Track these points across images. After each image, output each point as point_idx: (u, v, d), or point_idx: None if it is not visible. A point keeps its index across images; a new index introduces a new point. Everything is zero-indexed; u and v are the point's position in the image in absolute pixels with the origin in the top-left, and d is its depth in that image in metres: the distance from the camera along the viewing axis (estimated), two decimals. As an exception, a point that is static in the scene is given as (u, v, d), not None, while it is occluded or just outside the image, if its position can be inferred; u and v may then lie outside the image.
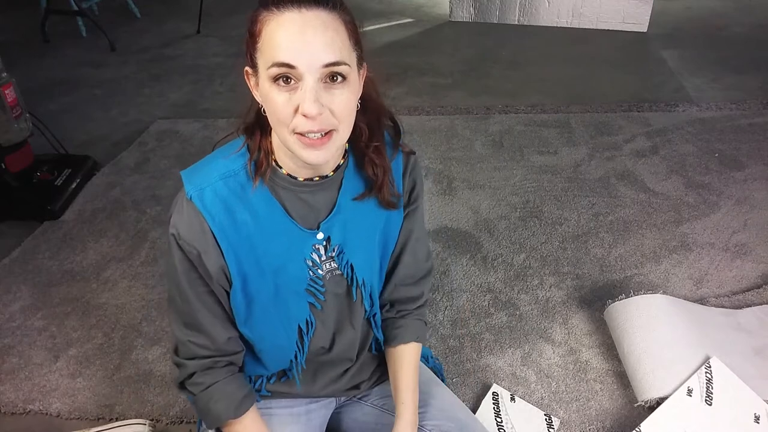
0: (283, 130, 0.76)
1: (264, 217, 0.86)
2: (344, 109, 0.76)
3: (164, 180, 2.49)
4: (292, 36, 0.71)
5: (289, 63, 0.71)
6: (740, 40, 3.74)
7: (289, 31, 0.71)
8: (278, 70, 0.72)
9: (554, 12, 4.03)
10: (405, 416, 1.00)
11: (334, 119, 0.75)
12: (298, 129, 0.74)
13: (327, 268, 0.94)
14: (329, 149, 0.77)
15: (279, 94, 0.73)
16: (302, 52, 0.71)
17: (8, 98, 2.11)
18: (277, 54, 0.71)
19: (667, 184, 2.31)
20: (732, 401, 1.36)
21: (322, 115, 0.73)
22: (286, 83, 0.73)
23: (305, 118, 0.73)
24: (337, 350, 1.01)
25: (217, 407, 0.93)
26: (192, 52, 3.91)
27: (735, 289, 1.80)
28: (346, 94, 0.75)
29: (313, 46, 0.71)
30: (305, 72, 0.71)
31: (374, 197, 0.92)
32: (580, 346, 1.63)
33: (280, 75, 0.72)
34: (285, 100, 0.73)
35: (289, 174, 0.86)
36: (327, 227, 0.90)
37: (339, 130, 0.76)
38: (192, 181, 0.84)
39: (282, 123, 0.75)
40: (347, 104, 0.76)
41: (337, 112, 0.75)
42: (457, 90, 3.23)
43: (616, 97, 3.05)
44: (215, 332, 0.91)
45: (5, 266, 2.03)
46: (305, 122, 0.73)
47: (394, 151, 0.93)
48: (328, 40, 0.72)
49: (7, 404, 1.53)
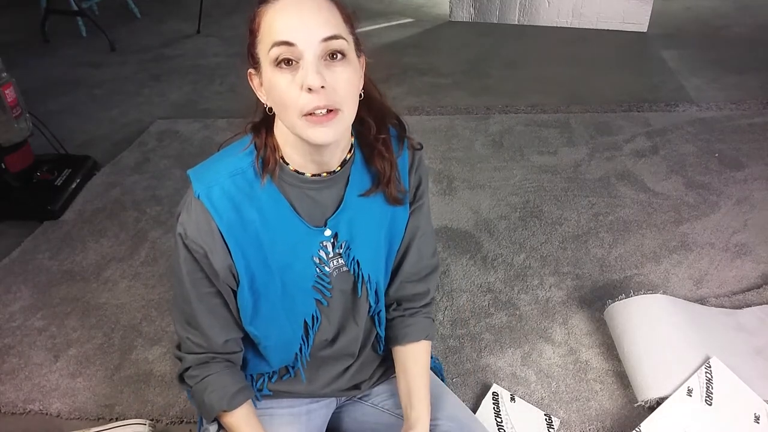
0: (290, 115, 0.76)
1: (271, 215, 0.86)
2: (346, 87, 0.76)
3: (164, 180, 2.49)
4: (288, 16, 0.74)
5: (288, 40, 0.73)
6: (740, 40, 3.74)
7: (285, 12, 0.74)
8: (278, 50, 0.73)
9: (554, 12, 4.03)
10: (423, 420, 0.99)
11: (337, 97, 0.75)
12: (305, 108, 0.74)
13: (334, 265, 0.94)
14: (335, 127, 0.77)
15: (282, 76, 0.75)
16: (300, 29, 0.73)
17: (8, 98, 2.11)
18: (276, 35, 0.73)
19: (667, 184, 2.31)
20: (732, 401, 1.36)
21: (326, 89, 0.74)
22: (287, 65, 0.74)
23: (310, 94, 0.74)
24: (340, 345, 1.01)
25: (210, 398, 0.93)
26: (192, 52, 3.91)
27: (735, 289, 1.80)
28: (347, 71, 0.76)
29: (309, 22, 0.73)
30: (305, 49, 0.73)
31: (381, 192, 0.92)
32: (580, 346, 1.63)
33: (281, 57, 0.74)
34: (288, 81, 0.74)
35: (296, 170, 0.86)
36: (334, 224, 0.91)
37: (343, 110, 0.77)
38: (200, 179, 0.84)
39: (289, 106, 0.75)
40: (349, 82, 0.77)
41: (340, 90, 0.75)
42: (457, 90, 3.23)
43: (616, 97, 3.05)
44: (213, 334, 0.91)
45: (5, 266, 2.03)
46: (310, 98, 0.74)
47: (400, 147, 0.94)
48: (324, 18, 0.74)
49: (7, 404, 1.53)
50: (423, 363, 1.05)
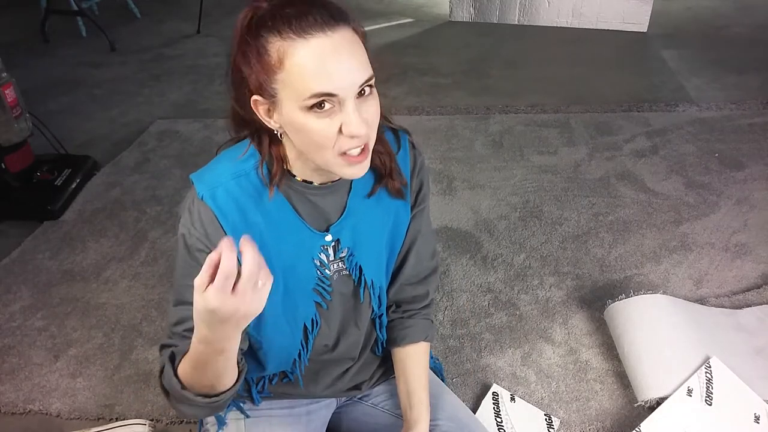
0: (325, 153, 0.75)
1: (275, 218, 0.86)
2: (376, 118, 0.77)
3: (164, 180, 2.49)
4: (328, 64, 0.70)
5: (332, 92, 0.70)
6: (740, 40, 3.74)
7: (323, 59, 0.70)
8: (317, 100, 0.71)
9: (554, 12, 4.03)
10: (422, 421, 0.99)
11: (371, 131, 0.76)
12: (344, 149, 0.74)
13: (335, 268, 0.94)
14: (368, 160, 0.78)
15: (318, 121, 0.72)
16: (342, 80, 0.70)
17: (8, 98, 2.11)
18: (315, 85, 0.70)
19: (667, 184, 2.31)
20: (732, 401, 1.36)
21: (366, 132, 0.74)
22: (321, 108, 0.71)
23: (351, 138, 0.73)
24: (341, 350, 1.01)
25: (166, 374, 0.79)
26: (192, 52, 3.91)
27: (735, 289, 1.80)
28: (375, 102, 0.76)
29: (350, 71, 0.71)
30: (346, 97, 0.71)
31: (384, 188, 0.92)
32: (580, 346, 1.63)
33: (317, 103, 0.71)
34: (326, 126, 0.73)
35: (303, 180, 0.86)
36: (337, 230, 0.91)
37: (371, 137, 0.77)
38: (203, 181, 0.84)
39: (324, 147, 0.74)
40: (377, 113, 0.77)
41: (371, 122, 0.75)
42: (457, 90, 3.23)
43: (616, 97, 3.05)
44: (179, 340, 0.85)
45: (5, 266, 2.03)
46: (350, 142, 0.74)
47: (396, 139, 0.94)
48: (359, 60, 0.72)
49: (7, 404, 1.53)
50: (422, 364, 1.05)
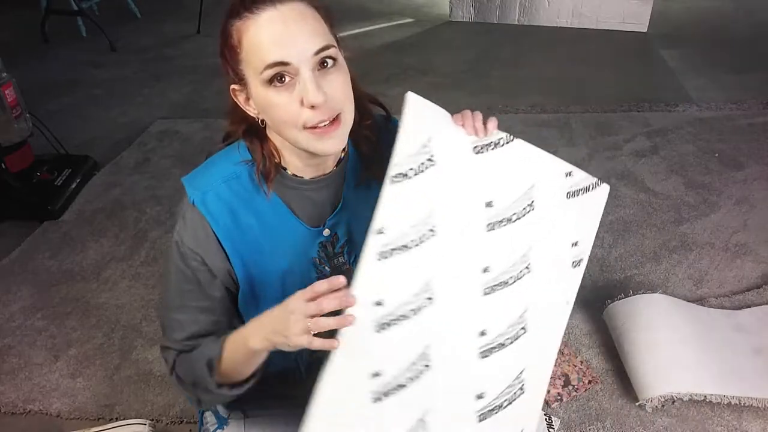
0: (291, 130, 0.75)
1: (270, 220, 0.85)
2: (343, 91, 0.76)
3: (164, 180, 2.49)
4: (277, 33, 0.71)
5: (282, 60, 0.71)
6: (740, 40, 3.74)
7: (272, 30, 0.71)
8: (272, 71, 0.72)
9: (554, 12, 4.03)
10: None
11: (337, 104, 0.75)
12: (309, 123, 0.74)
13: (335, 264, 0.93)
14: (340, 134, 0.77)
15: (278, 95, 0.73)
16: (292, 47, 0.71)
17: (8, 98, 2.11)
18: (267, 55, 0.71)
19: (667, 184, 2.31)
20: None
21: (327, 102, 0.73)
22: (281, 82, 0.73)
23: (313, 110, 0.73)
24: None
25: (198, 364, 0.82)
26: (192, 52, 3.91)
27: (735, 289, 1.80)
28: (341, 75, 0.76)
29: (299, 37, 0.71)
30: (299, 65, 0.71)
31: (374, 176, 0.89)
32: (580, 346, 1.63)
33: (275, 75, 0.72)
34: (287, 99, 0.73)
35: (294, 174, 0.85)
36: (333, 223, 0.90)
37: (344, 111, 0.77)
38: (194, 186, 0.83)
39: (289, 123, 0.75)
40: (344, 85, 0.76)
41: (338, 95, 0.75)
42: (457, 90, 3.23)
43: (616, 97, 3.05)
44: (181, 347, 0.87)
45: (5, 266, 2.03)
46: (313, 114, 0.73)
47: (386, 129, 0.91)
48: (311, 28, 0.73)
49: (7, 404, 1.53)
50: None
